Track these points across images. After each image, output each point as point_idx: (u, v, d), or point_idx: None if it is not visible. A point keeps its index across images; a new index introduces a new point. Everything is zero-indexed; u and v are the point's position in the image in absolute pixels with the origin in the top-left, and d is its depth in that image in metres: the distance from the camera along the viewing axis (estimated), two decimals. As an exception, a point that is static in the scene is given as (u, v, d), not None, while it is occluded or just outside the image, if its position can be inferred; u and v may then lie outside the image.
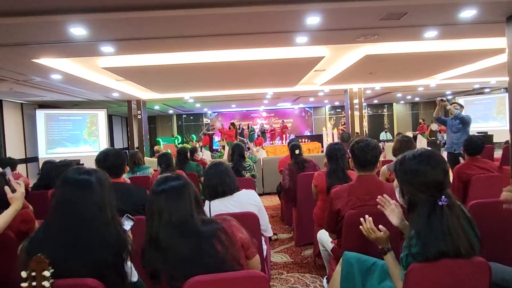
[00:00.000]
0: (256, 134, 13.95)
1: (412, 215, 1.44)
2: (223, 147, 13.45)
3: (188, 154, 4.98)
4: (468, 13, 4.01)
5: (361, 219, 1.78)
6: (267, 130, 15.58)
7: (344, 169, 2.92)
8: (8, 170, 1.92)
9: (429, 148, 1.54)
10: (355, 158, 2.16)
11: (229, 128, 12.35)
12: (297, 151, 4.06)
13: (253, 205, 2.22)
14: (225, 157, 10.19)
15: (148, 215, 1.38)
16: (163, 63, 5.92)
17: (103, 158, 2.39)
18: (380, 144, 2.34)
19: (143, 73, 6.59)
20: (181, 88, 9.00)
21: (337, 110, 18.35)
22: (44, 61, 5.34)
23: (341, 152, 2.96)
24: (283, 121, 16.77)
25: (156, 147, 7.85)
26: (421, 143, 11.57)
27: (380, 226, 1.72)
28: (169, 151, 4.33)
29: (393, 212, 1.71)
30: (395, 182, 1.62)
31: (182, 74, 6.88)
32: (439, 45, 5.83)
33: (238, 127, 13.29)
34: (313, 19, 3.97)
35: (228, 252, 1.35)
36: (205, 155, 10.58)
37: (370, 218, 1.76)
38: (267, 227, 2.34)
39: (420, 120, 13.49)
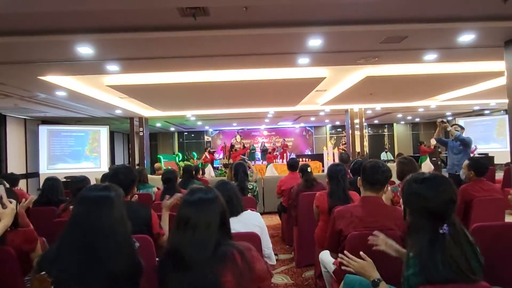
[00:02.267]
0: (256, 152, 13.98)
1: (412, 238, 1.42)
2: (224, 165, 13.46)
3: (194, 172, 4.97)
4: (466, 37, 4.10)
5: (339, 259, 1.71)
6: (271, 148, 15.61)
7: (345, 189, 2.93)
8: (1, 187, 1.93)
9: (437, 173, 1.52)
10: (365, 176, 2.16)
11: (232, 148, 12.37)
12: (309, 169, 4.10)
13: (257, 226, 2.21)
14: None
15: (175, 224, 1.37)
16: (167, 81, 6.00)
17: (114, 175, 2.39)
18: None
19: (146, 91, 6.68)
20: (183, 106, 9.09)
21: (338, 129, 18.42)
22: (50, 78, 5.42)
23: (342, 172, 2.97)
24: (284, 139, 16.84)
25: (156, 165, 7.83)
26: (426, 166, 10.85)
27: (361, 253, 1.66)
28: (170, 168, 4.29)
29: (387, 244, 1.71)
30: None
31: (184, 92, 6.97)
32: (439, 68, 5.92)
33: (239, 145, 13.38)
34: (315, 42, 4.06)
35: (239, 283, 1.29)
36: (208, 172, 10.55)
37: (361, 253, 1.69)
38: (270, 254, 2.25)
39: (421, 144, 12.79)
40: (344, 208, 2.18)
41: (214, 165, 14.12)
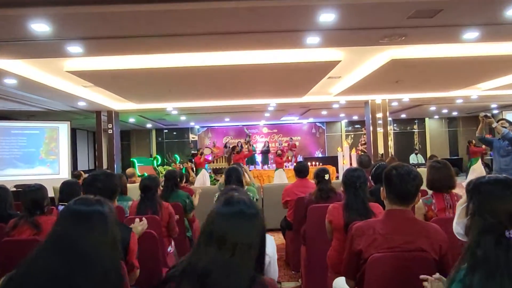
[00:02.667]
0: (255, 155, 13.98)
1: (471, 240, 1.52)
2: (214, 171, 13.45)
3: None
4: (516, 11, 4.11)
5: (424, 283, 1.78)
6: (281, 149, 15.70)
7: (365, 200, 2.93)
8: None
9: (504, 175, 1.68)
10: (390, 187, 2.15)
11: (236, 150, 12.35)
12: (326, 176, 4.09)
13: (266, 255, 2.19)
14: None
15: (203, 238, 1.36)
16: (142, 66, 6.00)
17: (90, 183, 2.44)
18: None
19: (116, 78, 6.67)
20: (163, 97, 9.09)
21: (356, 126, 18.48)
22: (-4, 62, 5.42)
23: (361, 179, 2.97)
24: (291, 138, 16.88)
25: (129, 170, 7.78)
26: (475, 171, 10.06)
27: (422, 277, 1.76)
28: (150, 175, 4.28)
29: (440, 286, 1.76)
30: (462, 200, 1.76)
31: (164, 79, 6.97)
32: (482, 49, 5.94)
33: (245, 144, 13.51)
34: (327, 16, 4.06)
35: None
36: (203, 179, 10.41)
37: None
38: None
39: (470, 144, 12.03)
40: (364, 224, 2.18)
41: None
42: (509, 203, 1.51)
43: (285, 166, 12.40)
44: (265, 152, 15.80)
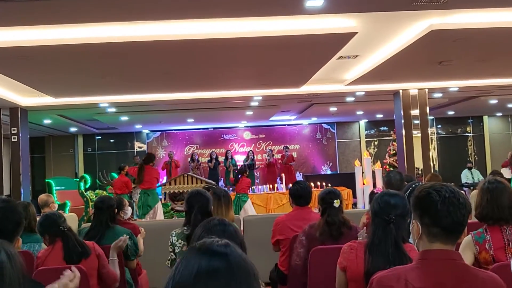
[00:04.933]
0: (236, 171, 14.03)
1: None
2: (171, 197, 13.36)
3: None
4: None
5: None
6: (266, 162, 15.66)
7: (398, 241, 2.92)
8: None
9: None
10: (431, 217, 2.15)
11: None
12: (336, 203, 4.05)
13: None
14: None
15: None
16: (60, 40, 5.95)
17: None
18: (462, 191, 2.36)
19: (22, 58, 6.59)
20: (94, 87, 9.04)
21: (382, 128, 18.62)
22: None
23: (399, 210, 2.97)
24: (287, 147, 16.79)
25: (42, 197, 7.60)
26: None
27: None
28: (69, 204, 4.26)
29: None
30: None
31: (96, 60, 6.94)
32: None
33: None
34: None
35: None
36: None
37: None
38: None
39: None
40: (390, 273, 2.18)
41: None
42: None
43: (252, 190, 12.50)
44: (249, 166, 15.75)
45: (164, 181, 14.93)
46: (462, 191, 2.35)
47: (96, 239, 4.34)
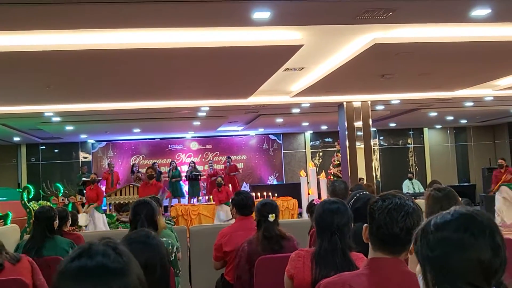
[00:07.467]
0: (181, 183, 13.94)
1: None
2: (117, 208, 13.15)
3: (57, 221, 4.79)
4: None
5: None
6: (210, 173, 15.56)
7: (345, 250, 2.94)
8: None
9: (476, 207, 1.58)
10: (373, 225, 2.17)
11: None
12: (271, 217, 4.04)
13: None
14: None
15: None
16: (4, 47, 5.82)
17: None
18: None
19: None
20: (39, 96, 8.86)
21: (326, 139, 18.84)
22: None
23: (343, 220, 2.98)
24: (229, 157, 16.74)
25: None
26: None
27: None
28: (11, 215, 4.14)
29: None
30: (418, 267, 1.58)
31: (41, 68, 6.81)
32: (498, 31, 6.21)
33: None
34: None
35: None
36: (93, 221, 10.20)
37: None
38: None
39: (500, 161, 12.65)
40: (335, 280, 2.19)
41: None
42: (472, 252, 1.38)
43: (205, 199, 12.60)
44: (193, 178, 15.64)
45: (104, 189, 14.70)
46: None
47: (34, 250, 4.27)
